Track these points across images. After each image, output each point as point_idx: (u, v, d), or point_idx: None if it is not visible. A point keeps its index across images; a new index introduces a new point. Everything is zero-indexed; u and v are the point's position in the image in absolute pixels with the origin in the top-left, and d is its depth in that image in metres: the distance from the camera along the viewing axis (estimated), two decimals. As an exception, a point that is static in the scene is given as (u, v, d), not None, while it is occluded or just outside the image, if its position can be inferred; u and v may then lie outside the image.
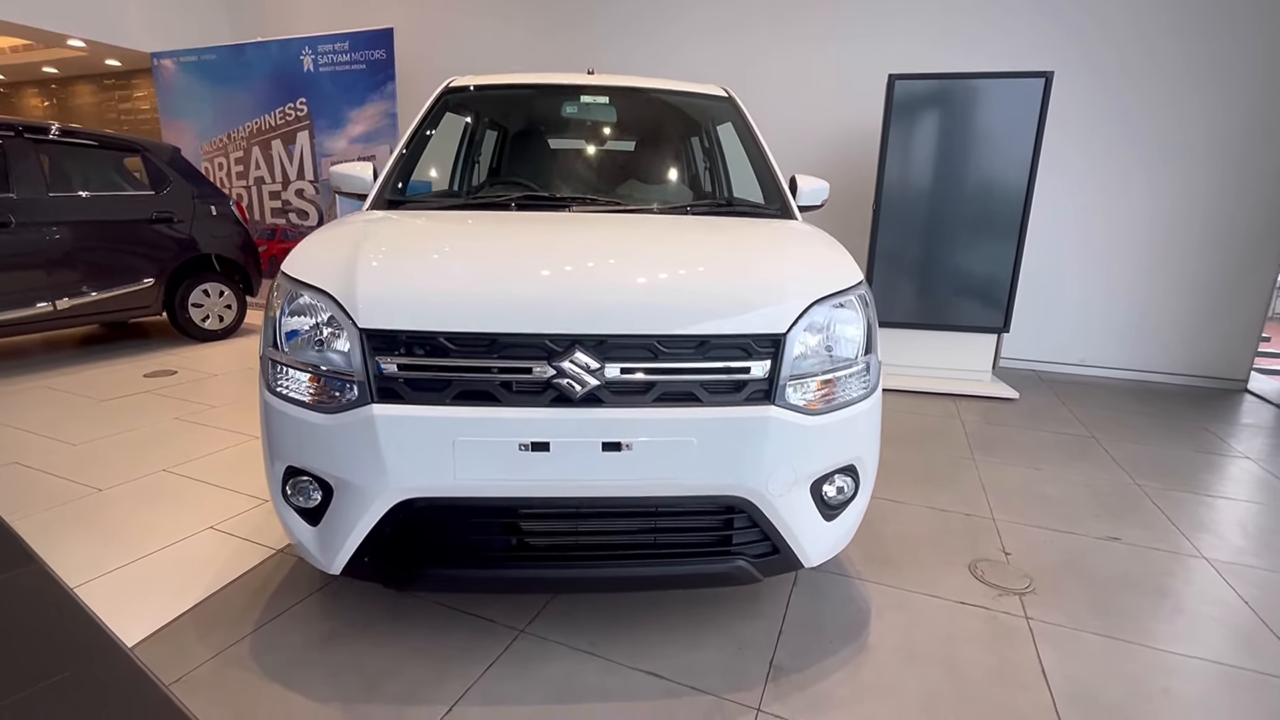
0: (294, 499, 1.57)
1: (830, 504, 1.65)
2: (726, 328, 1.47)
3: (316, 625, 1.75)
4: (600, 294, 1.48)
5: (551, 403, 1.43)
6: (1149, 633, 1.83)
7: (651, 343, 1.45)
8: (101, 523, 2.28)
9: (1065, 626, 1.84)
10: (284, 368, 1.53)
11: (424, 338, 1.43)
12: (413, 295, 1.46)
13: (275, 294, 1.61)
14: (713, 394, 1.48)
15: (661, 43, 5.62)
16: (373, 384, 1.43)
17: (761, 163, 2.50)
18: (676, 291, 1.51)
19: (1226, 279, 4.58)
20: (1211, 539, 2.40)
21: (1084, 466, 3.09)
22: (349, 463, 1.45)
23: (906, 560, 2.17)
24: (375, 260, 1.56)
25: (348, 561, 1.52)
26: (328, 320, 1.50)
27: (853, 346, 1.63)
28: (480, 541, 1.54)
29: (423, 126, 2.46)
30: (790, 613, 1.86)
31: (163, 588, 1.90)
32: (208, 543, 2.16)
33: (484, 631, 1.73)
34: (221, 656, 1.62)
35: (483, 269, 1.53)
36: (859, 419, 1.62)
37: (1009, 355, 5.07)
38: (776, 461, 1.49)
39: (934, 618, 1.87)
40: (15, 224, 4.01)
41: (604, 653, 1.67)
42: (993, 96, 4.05)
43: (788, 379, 1.51)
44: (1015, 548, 2.29)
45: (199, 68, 6.53)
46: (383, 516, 1.46)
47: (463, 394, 1.43)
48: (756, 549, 1.58)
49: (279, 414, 1.53)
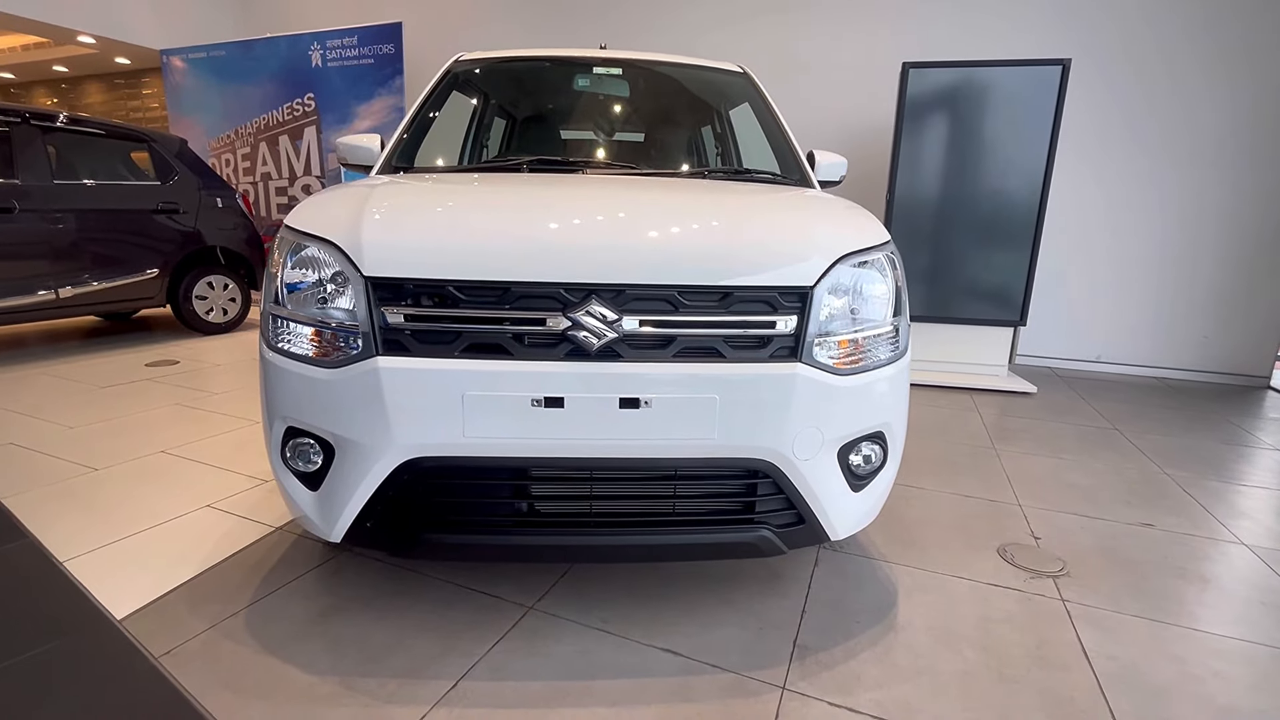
0: (294, 462, 1.50)
1: (858, 473, 1.56)
2: (751, 279, 1.40)
3: (316, 600, 1.66)
4: (618, 242, 1.40)
5: (566, 356, 1.35)
6: (1194, 616, 1.73)
7: (672, 294, 1.37)
8: (96, 500, 2.20)
9: (1105, 609, 1.74)
10: (285, 322, 1.46)
11: (432, 286, 1.35)
12: (421, 242, 1.39)
13: (278, 247, 1.54)
14: (736, 350, 1.39)
15: (675, 34, 5.59)
16: (378, 336, 1.35)
17: (779, 137, 2.44)
18: (698, 241, 1.44)
19: (1247, 274, 4.48)
20: (1250, 525, 2.30)
21: (1109, 456, 2.98)
22: (352, 420, 1.37)
23: (932, 543, 2.08)
24: (382, 209, 1.49)
25: (349, 527, 1.44)
26: (331, 274, 1.43)
27: (881, 307, 1.55)
28: (489, 505, 1.46)
29: (430, 98, 2.40)
30: (813, 592, 1.76)
31: (155, 563, 1.82)
32: (204, 520, 2.08)
33: (492, 608, 1.64)
34: (215, 629, 1.53)
35: (495, 216, 1.46)
36: (888, 382, 1.53)
37: (1024, 352, 4.97)
38: (803, 422, 1.40)
39: (965, 599, 1.77)
40: (19, 210, 3.97)
41: (618, 630, 1.58)
42: (1009, 85, 3.99)
43: (815, 336, 1.43)
44: (1045, 533, 2.19)
45: (208, 64, 6.53)
46: (386, 478, 1.38)
47: (472, 346, 1.35)
48: (781, 518, 1.50)
49: (279, 370, 1.45)
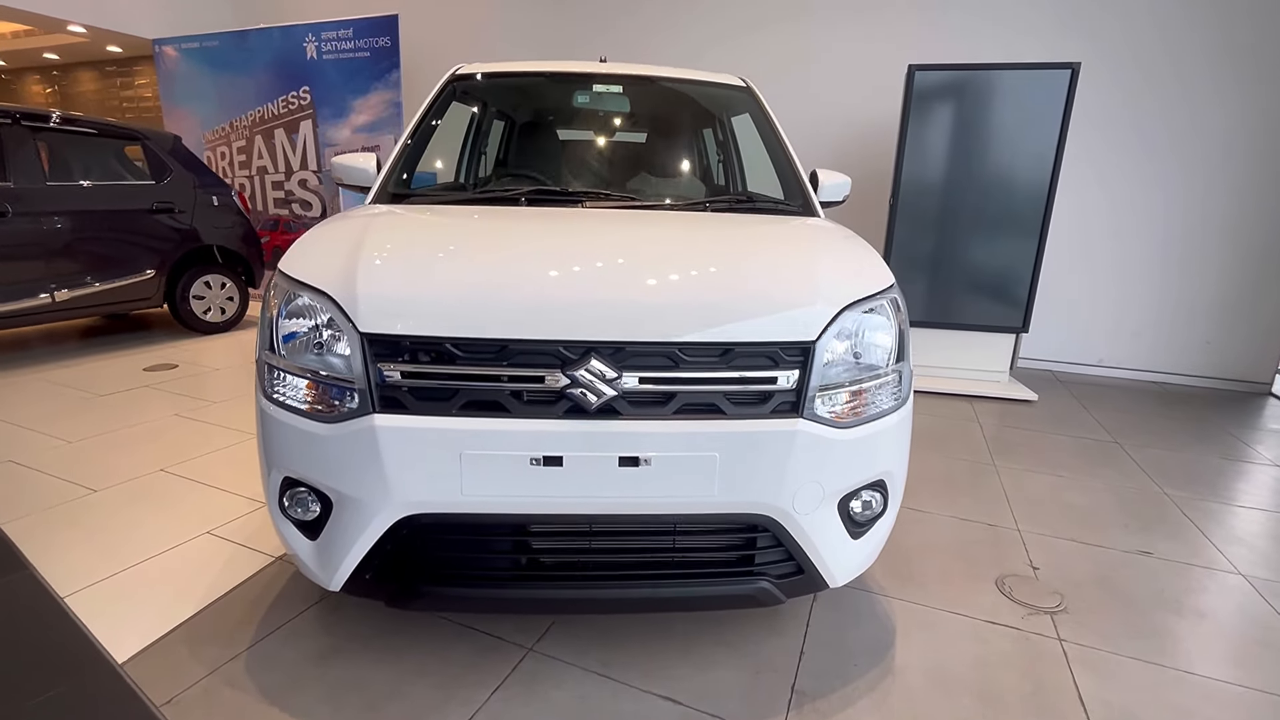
0: (291, 511, 1.49)
1: (858, 520, 1.56)
2: (753, 334, 1.38)
3: (315, 640, 1.67)
4: (617, 297, 1.38)
5: (565, 414, 1.33)
6: (1190, 658, 1.74)
7: (672, 350, 1.35)
8: (94, 526, 2.20)
9: (1101, 649, 1.75)
10: (280, 373, 1.44)
11: (429, 343, 1.33)
12: (417, 298, 1.37)
13: (272, 293, 1.52)
14: (737, 405, 1.38)
15: (679, 33, 5.49)
16: (374, 392, 1.34)
17: (782, 156, 2.40)
18: (699, 295, 1.42)
19: (1251, 280, 4.45)
20: (1247, 554, 2.30)
21: (1108, 473, 2.98)
22: (349, 476, 1.36)
23: (930, 575, 2.08)
24: (377, 260, 1.46)
25: (348, 578, 1.44)
26: (327, 323, 1.41)
27: (884, 354, 1.53)
28: (487, 559, 1.45)
29: (428, 116, 2.35)
30: (811, 630, 1.77)
31: (156, 598, 1.82)
32: (204, 549, 2.08)
33: (490, 649, 1.65)
34: (216, 675, 1.54)
35: (492, 270, 1.44)
36: (890, 432, 1.52)
37: (1026, 355, 4.95)
38: (804, 478, 1.39)
39: (962, 638, 1.78)
40: (12, 214, 3.92)
41: (616, 674, 1.58)
42: (1016, 88, 3.92)
43: (817, 389, 1.41)
44: (1043, 561, 2.20)
45: (201, 54, 6.42)
46: (385, 533, 1.37)
47: (470, 404, 1.33)
48: (780, 569, 1.49)
49: (275, 422, 1.44)
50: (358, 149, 5.98)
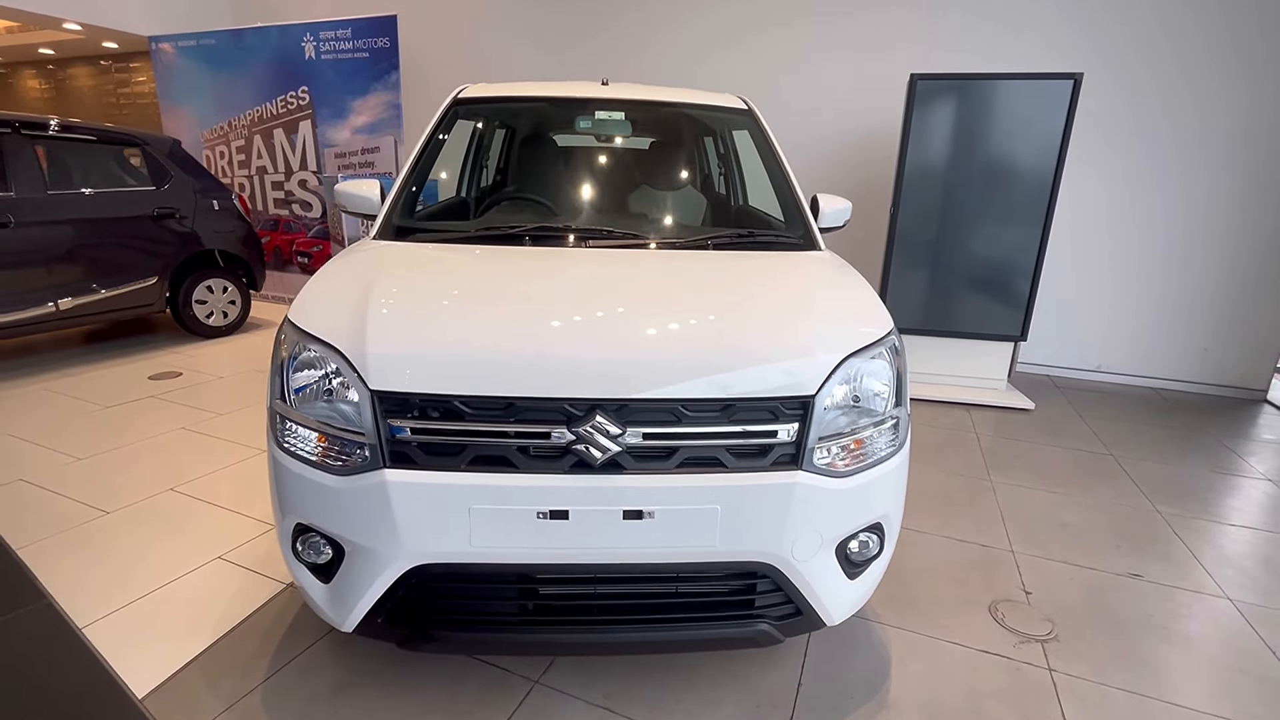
0: (304, 555, 1.53)
1: (854, 561, 1.60)
2: (753, 389, 1.41)
3: (327, 674, 1.72)
4: (622, 355, 1.41)
5: (570, 469, 1.37)
6: (1176, 688, 1.79)
7: (676, 406, 1.38)
8: (108, 550, 2.25)
9: (1089, 680, 1.81)
10: (292, 424, 1.48)
11: (438, 401, 1.37)
12: (426, 356, 1.40)
13: (282, 342, 1.55)
14: (738, 458, 1.42)
15: (679, 42, 5.44)
16: (385, 448, 1.37)
17: (782, 182, 2.41)
18: (701, 351, 1.44)
19: (1247, 288, 4.47)
20: (1235, 576, 2.36)
21: (1102, 489, 3.03)
22: (361, 526, 1.40)
23: (925, 600, 2.13)
24: (385, 313, 1.49)
25: (360, 621, 1.48)
26: (335, 372, 1.44)
27: (882, 401, 1.56)
28: (495, 606, 1.50)
29: (430, 143, 2.36)
30: (809, 662, 1.82)
31: (172, 628, 1.87)
32: (216, 575, 2.13)
33: (497, 683, 1.70)
34: (233, 710, 1.59)
35: (498, 328, 1.46)
36: (887, 477, 1.56)
37: (1025, 360, 4.99)
38: (803, 527, 1.43)
39: (955, 668, 1.83)
40: (15, 224, 3.93)
41: (620, 708, 1.64)
42: (1018, 98, 3.91)
43: (815, 440, 1.45)
44: (1035, 584, 2.25)
45: (198, 52, 6.36)
46: (396, 580, 1.41)
47: (478, 459, 1.37)
48: (779, 611, 1.54)
49: (288, 471, 1.47)
50: (358, 150, 5.97)
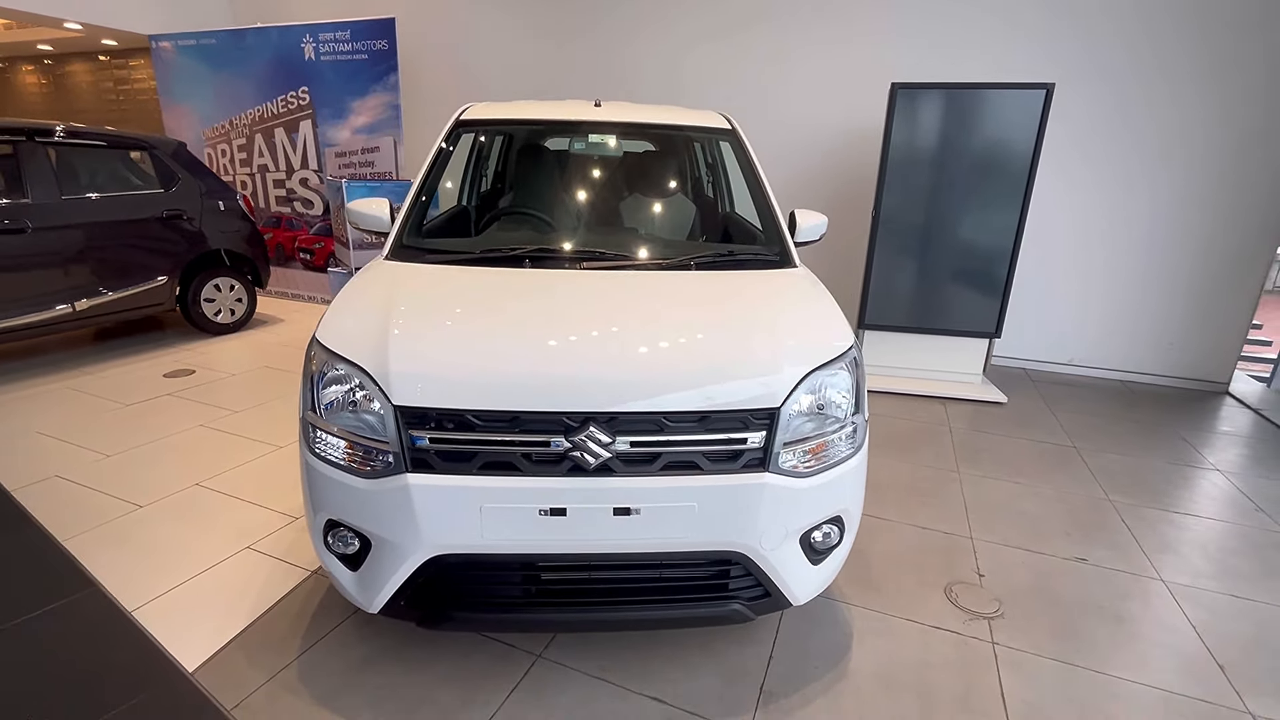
0: (335, 546, 1.75)
1: (818, 549, 1.83)
2: (726, 403, 1.62)
3: (354, 650, 1.94)
4: (612, 376, 1.62)
5: (568, 472, 1.58)
6: (1103, 659, 2.03)
7: (658, 418, 1.60)
8: (145, 542, 2.46)
9: (1027, 652, 2.05)
10: (322, 433, 1.68)
11: (453, 414, 1.58)
12: (442, 375, 1.60)
13: (311, 359, 1.75)
14: (713, 462, 1.63)
15: (666, 42, 5.58)
16: (406, 455, 1.58)
17: (762, 200, 2.60)
18: (681, 371, 1.65)
19: (1213, 284, 4.69)
20: (1172, 560, 2.60)
21: (1062, 480, 3.27)
22: (386, 523, 1.61)
23: (888, 582, 2.37)
24: (404, 335, 1.69)
25: (385, 604, 1.70)
26: (360, 386, 1.64)
27: (842, 409, 1.78)
28: (503, 589, 1.72)
29: (434, 168, 2.54)
30: (780, 637, 2.06)
31: (211, 612, 2.09)
32: (246, 564, 2.34)
33: (505, 657, 1.93)
34: (274, 681, 1.82)
35: (504, 349, 1.67)
36: (846, 476, 1.78)
37: (1002, 353, 5.21)
38: (770, 522, 1.65)
39: (910, 643, 2.07)
40: (32, 229, 4.09)
41: (613, 678, 1.87)
42: (994, 106, 4.09)
43: (781, 446, 1.66)
44: (990, 569, 2.49)
45: (198, 52, 6.47)
46: (417, 569, 1.63)
47: (488, 464, 1.58)
48: (750, 593, 1.77)
49: (319, 474, 1.68)
50: (358, 150, 6.11)
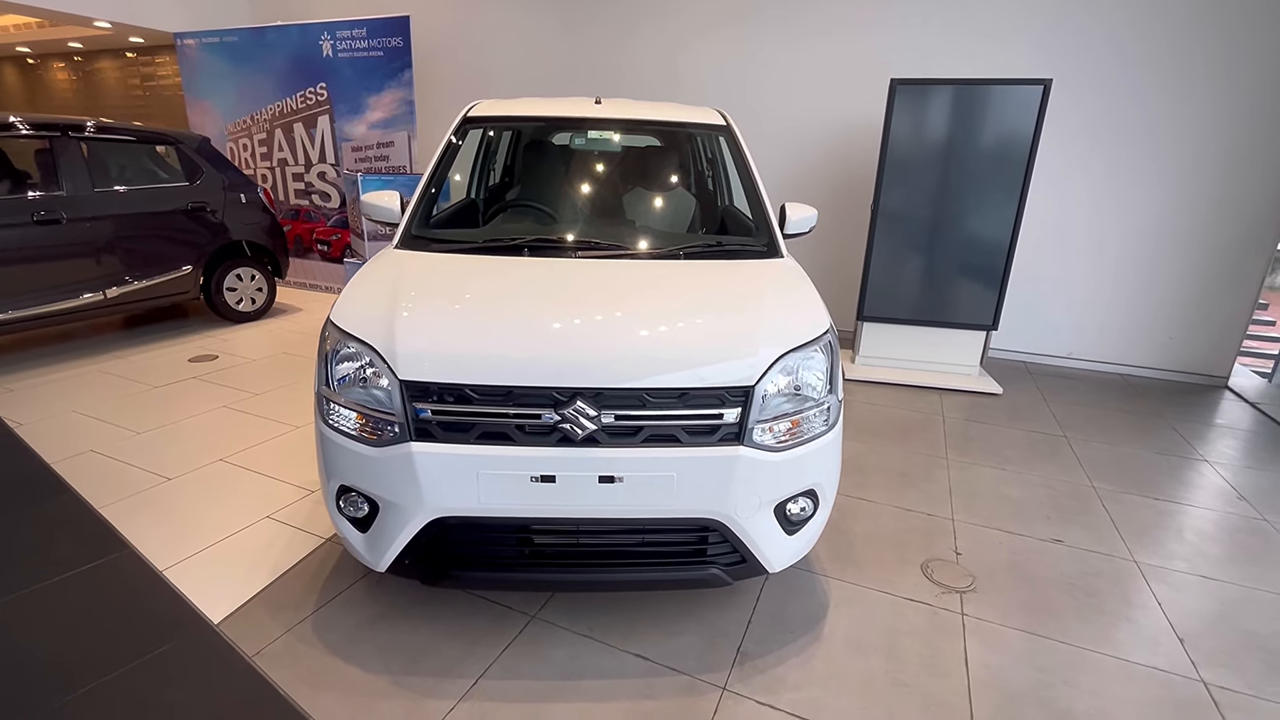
0: (346, 510, 1.91)
1: (792, 521, 1.96)
2: (704, 381, 1.75)
3: (365, 608, 2.11)
4: (598, 354, 1.76)
5: (557, 443, 1.73)
6: (1068, 630, 2.14)
7: (641, 394, 1.73)
8: (174, 510, 2.65)
9: (994, 623, 2.16)
10: (335, 406, 1.84)
11: (453, 388, 1.73)
12: (444, 353, 1.75)
13: (325, 339, 1.91)
14: (691, 435, 1.77)
15: (662, 35, 5.68)
16: (411, 425, 1.74)
17: (753, 193, 2.72)
18: (662, 350, 1.79)
19: (1211, 280, 4.72)
20: (1146, 542, 2.69)
21: (1049, 468, 3.36)
22: (392, 487, 1.77)
23: (868, 559, 2.49)
24: (410, 317, 1.84)
25: (392, 562, 1.86)
26: (370, 365, 1.80)
27: (815, 389, 1.90)
28: (499, 550, 1.88)
29: (442, 163, 2.69)
30: (760, 605, 2.19)
31: (234, 572, 2.28)
32: (266, 531, 2.52)
33: (502, 617, 2.09)
34: (291, 633, 1.99)
35: (501, 330, 1.81)
36: (819, 452, 1.90)
37: (1001, 346, 5.27)
38: (744, 492, 1.79)
39: (882, 612, 2.19)
40: (67, 220, 4.32)
41: (601, 637, 2.02)
42: (992, 102, 4.16)
43: (755, 422, 1.79)
44: (967, 548, 2.60)
45: (221, 49, 6.68)
46: (420, 530, 1.79)
47: (484, 434, 1.73)
48: (727, 559, 1.90)
49: (332, 443, 1.85)
50: (374, 144, 6.30)
